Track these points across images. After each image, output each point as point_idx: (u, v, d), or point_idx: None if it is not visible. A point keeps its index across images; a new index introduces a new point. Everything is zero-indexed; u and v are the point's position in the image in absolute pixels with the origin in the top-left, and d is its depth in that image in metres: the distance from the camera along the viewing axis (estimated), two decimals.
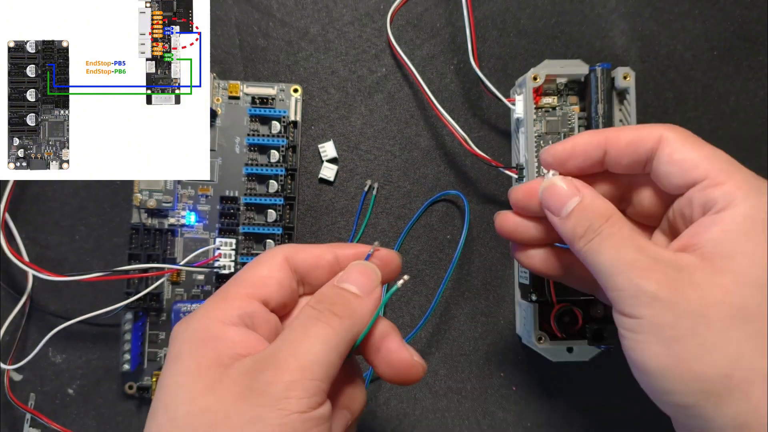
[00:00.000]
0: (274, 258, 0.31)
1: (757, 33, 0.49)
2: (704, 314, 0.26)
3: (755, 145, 0.49)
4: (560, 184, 0.31)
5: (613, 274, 0.28)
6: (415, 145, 0.48)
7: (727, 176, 0.28)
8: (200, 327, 0.28)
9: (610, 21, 0.49)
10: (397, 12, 0.48)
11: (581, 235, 0.29)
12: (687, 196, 0.29)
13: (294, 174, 0.46)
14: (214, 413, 0.25)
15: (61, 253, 0.47)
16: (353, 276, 0.30)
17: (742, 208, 0.27)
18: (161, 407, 0.26)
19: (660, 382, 0.26)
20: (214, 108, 0.46)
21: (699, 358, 0.25)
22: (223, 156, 0.46)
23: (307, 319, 0.28)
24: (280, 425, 0.25)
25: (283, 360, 0.26)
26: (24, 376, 0.46)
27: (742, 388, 0.25)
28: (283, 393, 0.25)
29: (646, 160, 0.30)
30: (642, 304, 0.26)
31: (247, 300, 0.29)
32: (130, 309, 0.45)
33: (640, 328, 0.27)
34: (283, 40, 0.48)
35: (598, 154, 0.31)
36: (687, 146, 0.29)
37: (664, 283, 0.26)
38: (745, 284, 0.26)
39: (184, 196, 0.46)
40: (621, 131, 0.31)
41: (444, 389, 0.47)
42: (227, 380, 0.26)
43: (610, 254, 0.28)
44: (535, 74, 0.44)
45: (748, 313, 0.26)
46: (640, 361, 0.27)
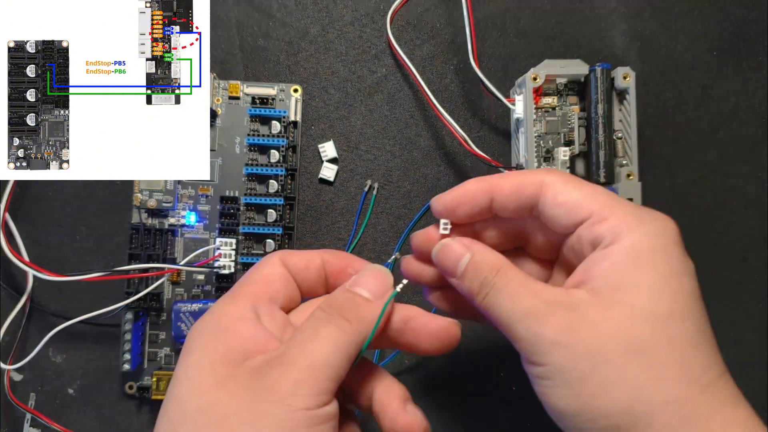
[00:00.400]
0: (272, 258, 0.32)
1: (757, 33, 0.49)
2: (600, 352, 0.27)
3: (755, 145, 0.49)
4: (450, 244, 0.32)
5: (513, 325, 0.29)
6: (415, 145, 0.48)
7: (611, 211, 0.29)
8: (212, 321, 0.29)
9: (610, 21, 0.49)
10: (397, 12, 0.48)
11: (477, 291, 0.30)
12: (576, 234, 0.30)
13: (294, 174, 0.46)
14: (223, 407, 0.26)
15: (62, 253, 0.47)
16: (365, 280, 0.31)
17: (628, 240, 0.28)
18: (172, 400, 0.27)
19: (573, 422, 0.27)
20: (214, 108, 0.46)
21: (601, 395, 0.26)
22: (223, 156, 0.46)
23: (318, 321, 0.29)
24: (286, 421, 0.25)
25: (292, 359, 0.27)
26: (24, 376, 0.46)
27: (645, 420, 0.26)
28: (291, 390, 0.26)
29: (531, 205, 0.31)
30: (544, 351, 0.27)
31: (256, 297, 0.30)
32: (130, 309, 0.45)
33: (547, 374, 0.28)
34: (283, 40, 0.48)
35: (485, 201, 0.32)
36: (569, 187, 0.30)
37: (560, 327, 0.27)
38: (635, 316, 0.27)
39: (184, 196, 0.46)
40: (504, 178, 0.32)
41: (444, 389, 0.47)
42: (238, 376, 0.27)
43: (506, 306, 0.29)
44: (535, 74, 0.44)
45: (641, 344, 0.26)
46: (553, 405, 0.28)
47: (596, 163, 0.43)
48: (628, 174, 0.43)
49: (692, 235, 0.48)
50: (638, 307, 0.27)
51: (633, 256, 0.28)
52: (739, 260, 0.48)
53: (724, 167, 0.49)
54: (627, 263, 0.28)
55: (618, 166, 0.44)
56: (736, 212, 0.48)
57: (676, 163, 0.49)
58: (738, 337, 0.48)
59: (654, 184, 0.48)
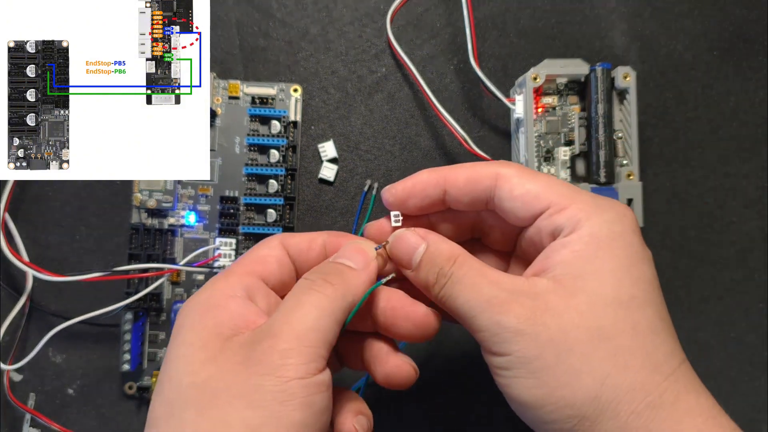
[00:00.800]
0: (272, 241, 0.32)
1: (757, 33, 0.49)
2: (564, 341, 0.26)
3: (755, 145, 0.49)
4: (405, 234, 0.31)
5: (473, 316, 0.28)
6: (415, 145, 0.48)
7: (569, 201, 0.29)
8: (202, 299, 0.29)
9: (610, 21, 0.49)
10: (397, 12, 0.48)
11: (434, 283, 0.30)
12: (535, 225, 0.30)
13: (294, 174, 0.46)
14: (216, 382, 0.26)
15: (61, 253, 0.47)
16: (348, 252, 0.31)
17: (587, 229, 0.28)
18: (166, 379, 0.27)
19: (537, 413, 0.27)
20: (214, 108, 0.46)
21: (567, 384, 0.26)
22: (223, 156, 0.46)
23: (300, 289, 0.29)
24: (279, 392, 0.25)
25: (277, 328, 0.27)
26: (24, 376, 0.46)
27: (611, 408, 0.26)
28: (280, 360, 0.26)
29: (486, 198, 0.31)
30: (506, 340, 0.27)
31: (248, 275, 0.30)
32: (130, 309, 0.45)
33: (510, 364, 0.27)
34: (283, 40, 0.48)
35: (437, 192, 0.32)
36: (525, 179, 0.30)
37: (523, 316, 0.27)
38: (597, 303, 0.27)
39: (184, 196, 0.46)
40: (458, 169, 0.31)
41: (443, 389, 0.47)
42: (227, 351, 0.27)
43: (465, 296, 0.28)
44: (535, 74, 0.44)
45: (604, 332, 0.26)
46: (515, 397, 0.27)
47: (596, 163, 0.43)
48: (628, 174, 0.43)
49: (692, 235, 0.48)
50: (601, 293, 0.27)
51: (593, 244, 0.28)
52: (739, 260, 0.48)
53: (724, 167, 0.49)
54: (587, 251, 0.28)
55: (618, 166, 0.44)
56: (736, 212, 0.48)
57: (676, 163, 0.49)
58: (738, 337, 0.48)
59: (654, 184, 0.48)
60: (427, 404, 0.47)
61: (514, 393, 0.28)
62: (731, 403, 0.29)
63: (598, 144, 0.43)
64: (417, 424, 0.47)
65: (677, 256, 0.48)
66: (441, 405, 0.47)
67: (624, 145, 0.44)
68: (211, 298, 0.29)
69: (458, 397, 0.47)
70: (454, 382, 0.47)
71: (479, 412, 0.47)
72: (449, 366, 0.47)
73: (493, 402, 0.47)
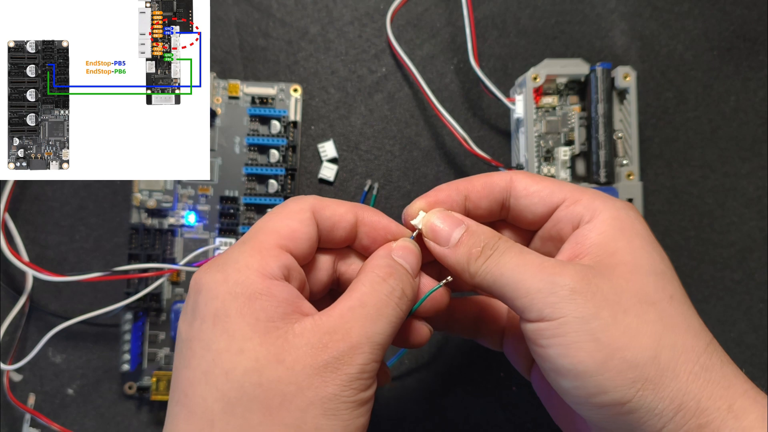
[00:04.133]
0: (303, 211, 0.30)
1: (757, 33, 0.49)
2: (619, 301, 0.27)
3: (755, 145, 0.49)
4: (448, 212, 0.31)
5: (523, 280, 0.28)
6: (415, 145, 0.48)
7: (581, 194, 0.31)
8: (242, 281, 0.27)
9: (610, 21, 0.49)
10: (397, 12, 0.48)
11: (477, 256, 0.29)
12: (552, 219, 0.31)
13: (294, 174, 0.46)
14: (286, 386, 0.25)
15: (61, 253, 0.47)
16: (406, 255, 0.31)
17: (607, 213, 0.29)
18: (221, 372, 0.25)
19: (596, 380, 0.26)
20: (214, 108, 0.46)
21: (627, 345, 0.26)
22: (223, 156, 0.46)
23: (382, 297, 0.28)
24: (353, 401, 0.26)
25: (356, 339, 0.26)
26: (24, 376, 0.46)
27: (671, 368, 0.26)
28: (357, 375, 0.26)
29: (502, 200, 0.32)
30: (562, 299, 0.27)
31: (282, 252, 0.28)
32: (129, 309, 0.45)
33: (565, 328, 0.26)
34: (283, 40, 0.48)
35: (460, 199, 0.32)
36: (536, 180, 0.32)
37: (578, 276, 0.27)
38: (637, 272, 0.28)
39: (184, 196, 0.46)
40: (473, 178, 0.33)
41: (444, 389, 0.47)
42: (294, 350, 0.26)
43: (514, 262, 0.29)
44: (535, 74, 0.44)
45: (649, 297, 0.27)
46: (571, 366, 0.26)
47: (597, 162, 0.43)
48: (628, 174, 0.43)
49: (692, 235, 0.48)
50: (638, 265, 0.28)
51: (617, 225, 0.29)
52: (739, 260, 0.48)
53: (724, 167, 0.49)
54: (613, 232, 0.29)
55: (618, 166, 0.44)
56: (736, 212, 0.48)
57: (676, 163, 0.49)
58: (738, 337, 0.48)
59: (654, 184, 0.48)
60: (427, 404, 0.47)
61: (569, 362, 0.26)
62: None
63: (598, 144, 0.43)
64: (417, 425, 0.47)
65: (677, 256, 0.48)
66: (442, 406, 0.47)
67: (624, 145, 0.44)
68: (250, 281, 0.27)
69: (459, 397, 0.47)
70: (454, 384, 0.47)
71: (479, 414, 0.47)
72: (450, 367, 0.47)
73: (493, 404, 0.47)
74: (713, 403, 0.26)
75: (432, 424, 0.47)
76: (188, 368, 0.26)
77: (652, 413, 0.26)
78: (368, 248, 0.32)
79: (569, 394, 0.27)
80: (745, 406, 0.26)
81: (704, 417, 0.26)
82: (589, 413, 0.27)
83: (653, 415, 0.26)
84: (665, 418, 0.26)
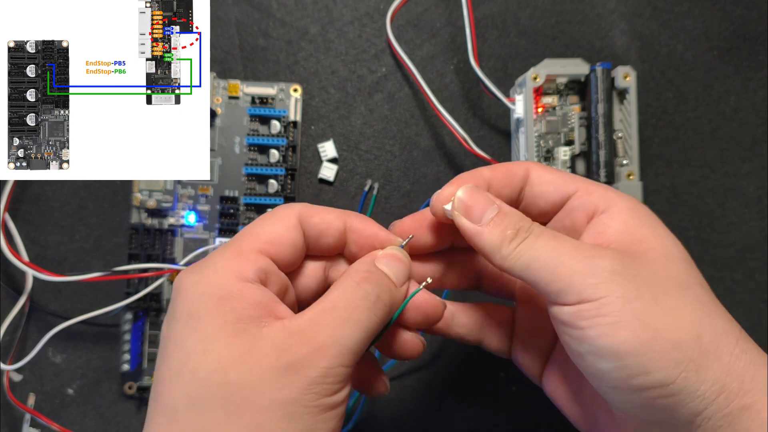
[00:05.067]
0: (289, 218, 0.30)
1: (757, 33, 0.49)
2: (657, 284, 0.27)
3: (755, 145, 0.49)
4: (479, 191, 0.31)
5: (562, 263, 0.27)
6: (415, 145, 0.48)
7: (593, 186, 0.31)
8: (215, 283, 0.27)
9: (610, 21, 0.49)
10: (397, 12, 0.48)
11: (511, 238, 0.29)
12: (566, 208, 0.31)
13: (294, 174, 0.46)
14: (249, 387, 0.25)
15: (61, 253, 0.47)
16: (391, 262, 0.30)
17: (624, 204, 0.30)
18: (186, 370, 0.26)
19: (639, 360, 0.25)
20: (214, 108, 0.46)
21: (671, 326, 0.26)
22: (223, 156, 0.46)
23: (354, 301, 0.28)
24: (315, 407, 0.25)
25: (321, 342, 0.26)
26: (24, 376, 0.46)
27: (713, 349, 0.26)
28: (320, 379, 0.25)
29: (520, 187, 0.32)
30: (604, 281, 0.26)
31: (261, 256, 0.28)
32: (129, 309, 0.45)
33: (606, 308, 0.26)
34: (283, 39, 0.48)
35: (484, 186, 0.32)
36: (550, 170, 0.32)
37: (617, 259, 0.27)
38: (669, 257, 0.28)
39: (184, 196, 0.46)
40: (496, 166, 0.33)
41: (444, 389, 0.47)
42: (258, 352, 0.26)
43: (551, 245, 0.28)
44: (535, 74, 0.44)
45: (682, 281, 0.27)
46: (613, 346, 0.26)
47: (597, 162, 0.43)
48: (628, 174, 0.43)
49: (692, 235, 0.48)
50: (667, 251, 0.28)
51: (636, 215, 0.29)
52: (739, 260, 0.48)
53: (724, 167, 0.49)
54: (635, 221, 0.29)
55: (618, 166, 0.44)
56: (736, 212, 0.48)
57: (676, 163, 0.49)
58: None
59: (654, 184, 0.48)
60: (428, 405, 0.47)
61: (611, 342, 0.26)
62: None
63: (598, 144, 0.43)
64: (417, 425, 0.47)
65: None
66: (442, 406, 0.47)
67: (624, 145, 0.44)
68: (223, 283, 0.27)
69: (459, 398, 0.47)
70: (454, 384, 0.47)
71: (480, 414, 0.47)
72: (450, 368, 0.47)
73: (493, 404, 0.47)
74: (756, 384, 0.25)
75: (432, 424, 0.47)
76: (162, 366, 0.27)
77: (694, 395, 0.25)
78: (356, 256, 0.32)
79: (607, 377, 0.26)
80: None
81: (748, 398, 0.25)
82: (625, 398, 0.27)
83: (695, 397, 0.25)
84: (707, 400, 0.25)
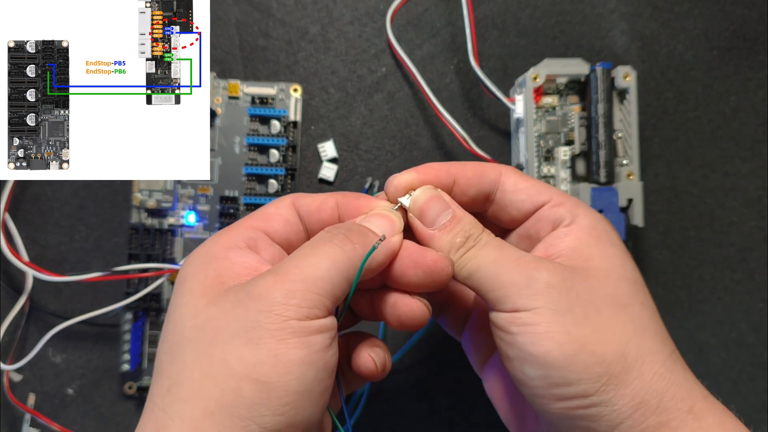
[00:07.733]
0: (282, 200, 0.32)
1: (757, 33, 0.49)
2: (592, 301, 0.28)
3: (755, 145, 0.49)
4: (440, 195, 0.31)
5: (500, 273, 0.28)
6: (415, 145, 0.48)
7: (564, 198, 0.32)
8: (204, 252, 0.29)
9: (610, 21, 0.49)
10: (397, 12, 0.48)
11: (459, 246, 0.30)
12: (535, 217, 0.32)
13: (294, 174, 0.46)
14: (215, 321, 0.26)
15: (61, 253, 0.47)
16: (376, 220, 0.31)
17: (586, 221, 0.30)
18: (170, 327, 0.28)
19: (562, 372, 0.26)
20: (214, 108, 0.46)
21: (598, 340, 0.27)
22: (223, 156, 0.46)
23: (319, 239, 0.29)
24: (277, 330, 0.25)
25: (285, 270, 0.27)
26: (24, 376, 0.46)
27: (636, 366, 0.27)
28: (282, 299, 0.26)
29: (489, 191, 0.32)
30: (537, 292, 0.27)
31: (252, 228, 0.30)
32: (129, 309, 0.45)
33: (538, 318, 0.27)
34: (283, 39, 0.48)
35: (448, 181, 0.32)
36: (525, 178, 0.32)
37: (554, 272, 0.28)
38: (610, 277, 0.29)
39: (184, 196, 0.46)
40: (467, 164, 0.33)
41: (444, 389, 0.47)
42: (229, 293, 0.27)
43: (493, 256, 0.29)
44: (535, 74, 0.44)
45: (622, 300, 0.28)
46: (539, 354, 0.27)
47: (597, 162, 0.43)
48: (628, 174, 0.43)
49: (692, 235, 0.48)
50: (612, 271, 0.29)
51: (594, 233, 0.30)
52: (739, 260, 0.48)
53: (724, 167, 0.49)
54: (590, 239, 0.30)
55: (618, 166, 0.44)
56: (736, 212, 0.48)
57: (676, 163, 0.49)
58: (738, 337, 0.48)
59: (654, 184, 0.48)
60: (427, 405, 0.47)
61: (539, 350, 0.27)
62: (731, 403, 0.29)
63: (599, 144, 0.43)
64: (418, 425, 0.47)
65: (677, 256, 0.48)
66: (442, 405, 0.47)
67: (624, 145, 0.44)
68: (212, 250, 0.29)
69: (460, 398, 0.47)
70: (455, 382, 0.47)
71: (480, 414, 0.47)
72: (450, 366, 0.47)
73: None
74: (675, 403, 0.26)
75: (432, 424, 0.47)
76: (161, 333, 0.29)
77: (611, 408, 0.26)
78: None
79: (532, 384, 0.28)
80: (704, 409, 0.27)
81: (665, 415, 0.26)
82: (548, 406, 0.27)
83: (612, 410, 0.26)
84: (623, 414, 0.26)
